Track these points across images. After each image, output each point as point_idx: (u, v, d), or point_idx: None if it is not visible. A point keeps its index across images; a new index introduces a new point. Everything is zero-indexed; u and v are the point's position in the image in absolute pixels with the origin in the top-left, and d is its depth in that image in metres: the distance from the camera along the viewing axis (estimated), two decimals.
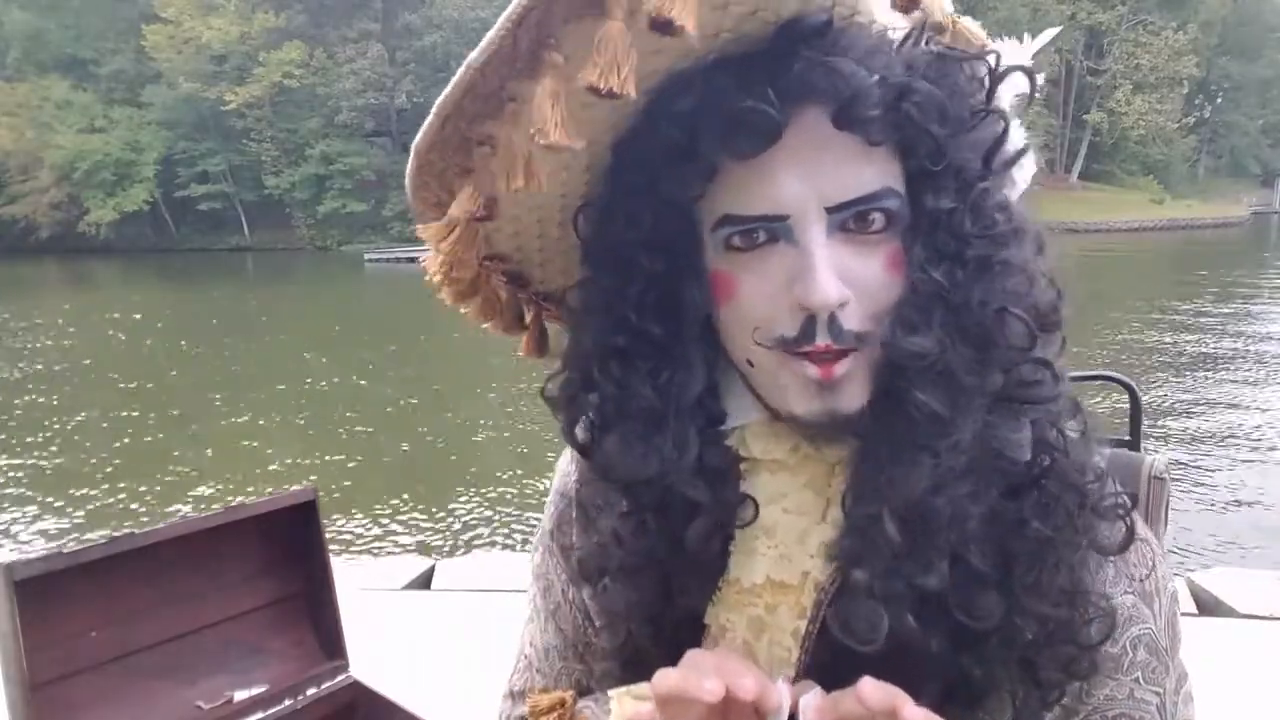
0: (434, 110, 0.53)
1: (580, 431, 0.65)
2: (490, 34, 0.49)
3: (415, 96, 42.46)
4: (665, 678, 0.51)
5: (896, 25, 0.57)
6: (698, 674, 0.50)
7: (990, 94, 0.58)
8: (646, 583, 0.64)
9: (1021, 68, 0.60)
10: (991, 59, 0.58)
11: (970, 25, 0.65)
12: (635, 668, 0.66)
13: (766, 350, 0.57)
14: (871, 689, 0.48)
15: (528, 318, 0.72)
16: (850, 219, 0.55)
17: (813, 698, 0.53)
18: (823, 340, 0.55)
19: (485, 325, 0.71)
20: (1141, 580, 0.64)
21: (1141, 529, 0.65)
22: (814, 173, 0.54)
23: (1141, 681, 0.63)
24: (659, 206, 0.58)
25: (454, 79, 0.51)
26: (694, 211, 0.58)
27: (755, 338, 0.57)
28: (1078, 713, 0.63)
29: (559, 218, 0.63)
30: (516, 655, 0.82)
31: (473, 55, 0.50)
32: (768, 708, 0.52)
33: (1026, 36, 0.66)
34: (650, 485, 0.61)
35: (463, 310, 0.68)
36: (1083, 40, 44.71)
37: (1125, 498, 0.62)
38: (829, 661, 0.59)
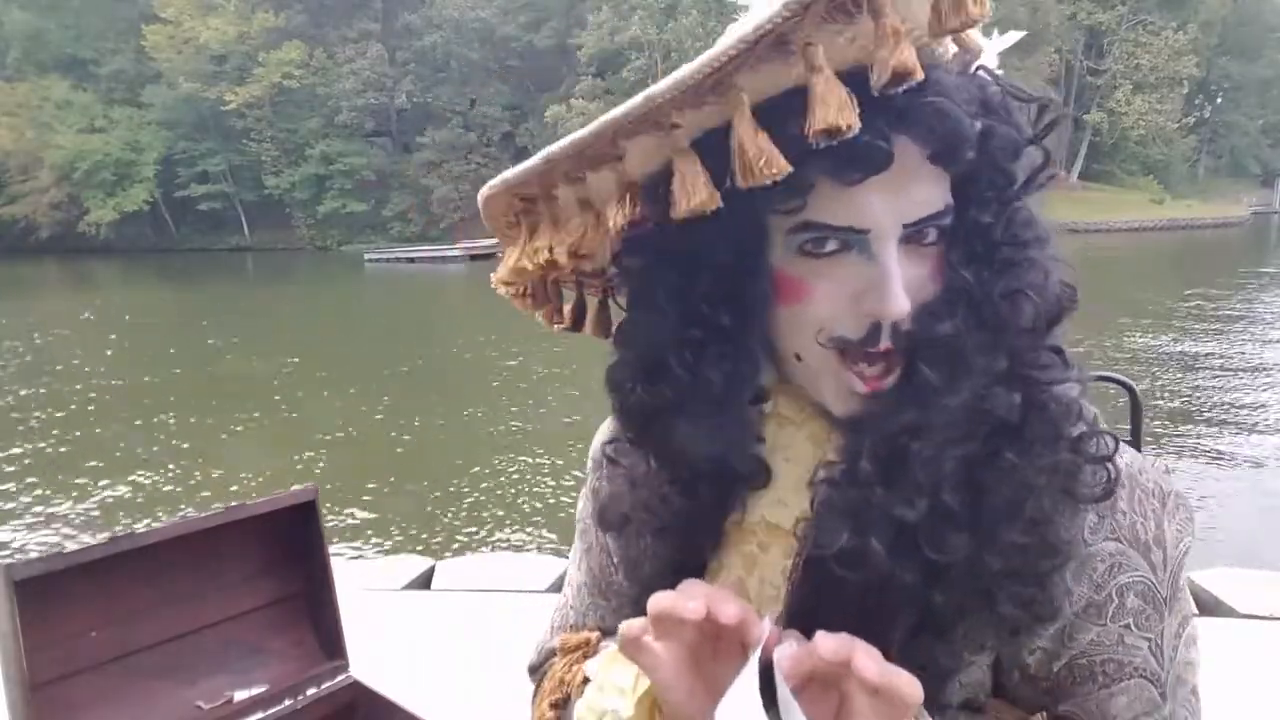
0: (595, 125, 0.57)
1: (636, 414, 0.68)
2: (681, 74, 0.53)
3: (415, 96, 42.49)
4: (658, 598, 0.56)
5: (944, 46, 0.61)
6: (686, 596, 0.55)
7: (1042, 134, 0.63)
8: (669, 536, 0.70)
9: (1051, 107, 0.65)
10: (1044, 101, 0.63)
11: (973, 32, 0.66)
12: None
13: (823, 350, 0.62)
14: (825, 641, 0.52)
15: (590, 310, 0.77)
16: (913, 232, 0.59)
17: (788, 648, 0.56)
18: (885, 343, 0.60)
19: (556, 326, 0.77)
20: (1135, 529, 0.65)
21: (1152, 482, 0.67)
22: (900, 196, 0.58)
23: (1133, 628, 0.65)
24: (737, 204, 0.58)
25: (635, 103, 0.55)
26: (766, 214, 0.61)
27: (818, 338, 0.61)
28: (1060, 656, 0.66)
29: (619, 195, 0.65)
30: (561, 592, 0.93)
31: (658, 88, 0.54)
32: (749, 638, 0.56)
33: (995, 32, 0.68)
34: (709, 464, 0.66)
35: (536, 317, 0.75)
36: (1083, 40, 44.67)
37: (1111, 444, 0.64)
38: (813, 597, 0.64)
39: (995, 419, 0.60)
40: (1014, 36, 0.68)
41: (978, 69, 0.63)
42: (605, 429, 0.87)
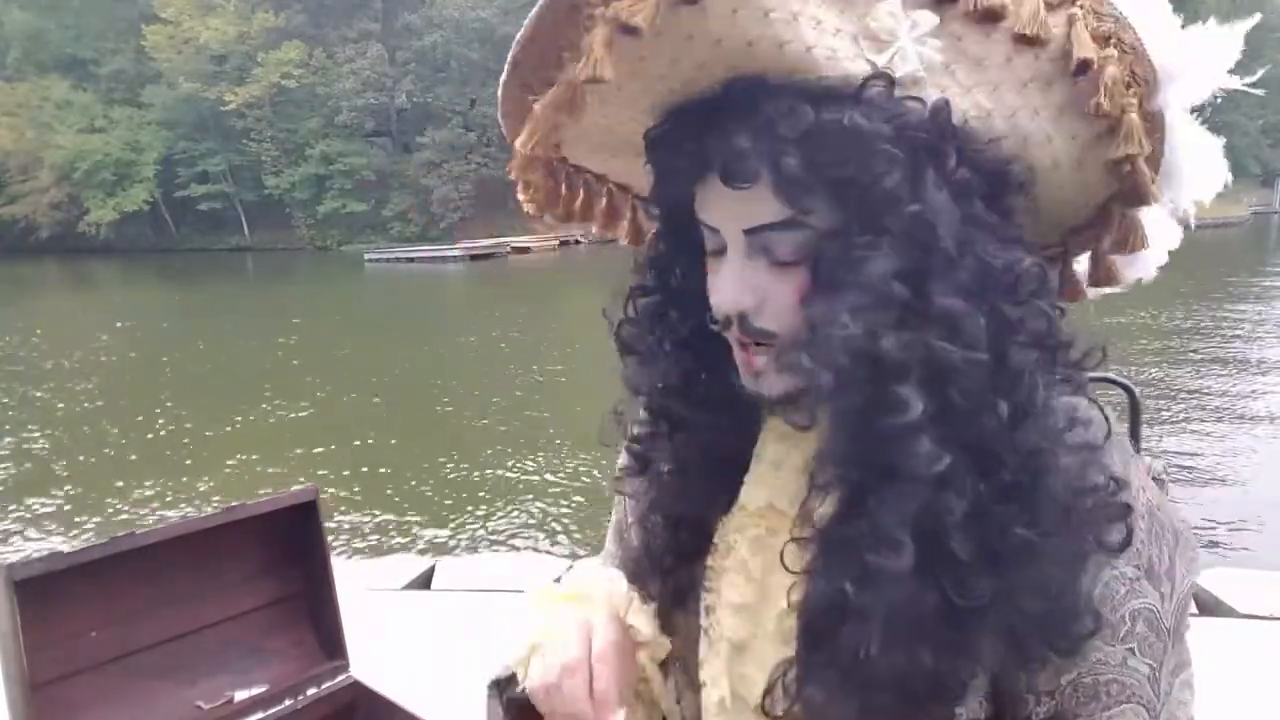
0: (534, 10, 0.62)
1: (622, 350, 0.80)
2: None
3: (415, 96, 42.44)
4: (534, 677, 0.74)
5: (862, 70, 0.61)
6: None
7: (871, 163, 0.60)
8: (668, 482, 0.80)
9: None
10: (926, 121, 0.61)
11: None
12: (639, 570, 0.83)
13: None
14: None
15: (625, 215, 0.85)
16: (773, 248, 0.66)
17: None
18: (735, 330, 0.69)
19: (610, 229, 0.85)
20: (1150, 559, 0.66)
21: (1168, 518, 0.68)
22: (730, 203, 0.66)
23: (1136, 652, 0.66)
24: (672, 202, 0.73)
25: None
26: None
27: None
28: (1068, 670, 0.67)
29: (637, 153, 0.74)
30: None
31: None
32: None
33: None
34: (657, 399, 0.79)
35: (540, 208, 0.80)
36: None
37: (1129, 501, 0.64)
38: (827, 626, 0.66)
39: (925, 475, 0.59)
40: None
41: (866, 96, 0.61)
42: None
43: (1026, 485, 0.60)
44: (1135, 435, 1.11)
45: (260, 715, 1.26)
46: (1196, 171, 0.69)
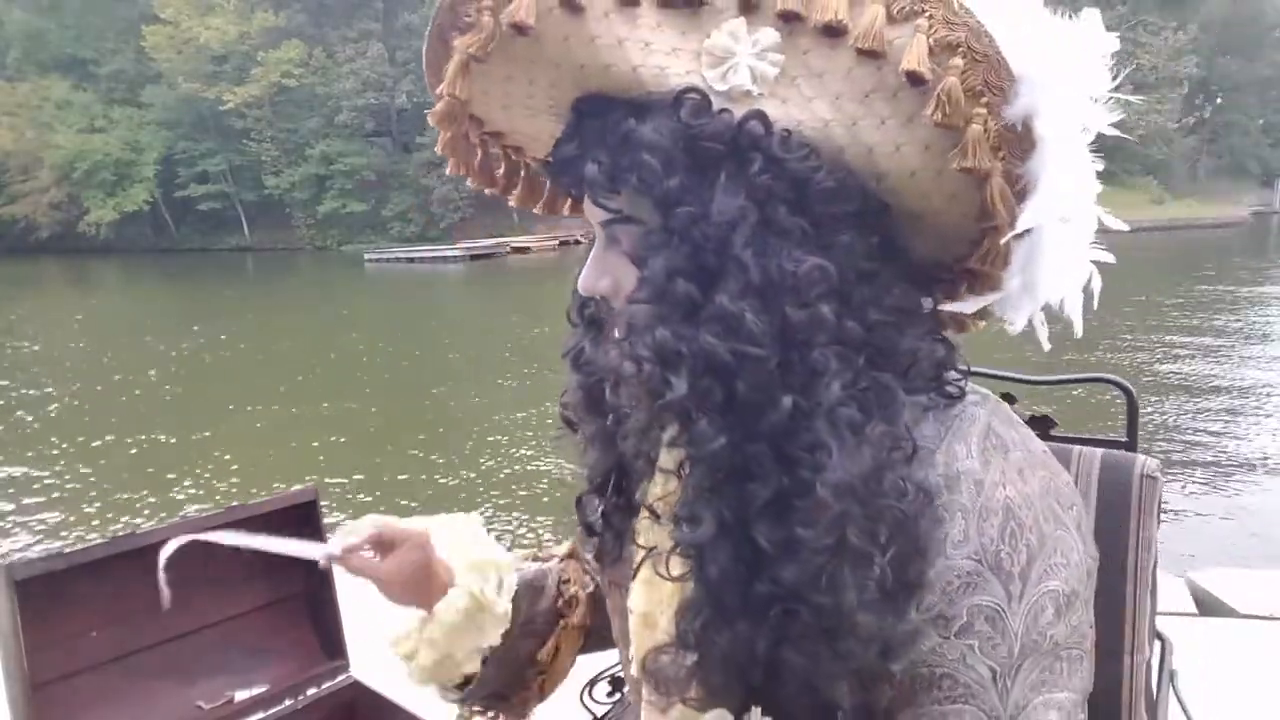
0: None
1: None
2: None
3: (415, 96, 42.39)
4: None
5: (697, 83, 0.66)
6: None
7: (665, 170, 0.66)
8: (589, 450, 0.88)
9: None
10: (730, 131, 0.66)
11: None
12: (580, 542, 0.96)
13: None
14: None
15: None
16: (617, 239, 0.73)
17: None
18: (604, 311, 0.79)
19: (487, 190, 0.89)
20: (999, 556, 0.65)
21: (1033, 524, 0.67)
22: (589, 202, 0.74)
23: (976, 649, 0.65)
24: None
25: None
26: None
27: None
28: (894, 660, 0.66)
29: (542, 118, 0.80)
30: None
31: None
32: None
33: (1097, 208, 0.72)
34: (573, 364, 0.86)
35: (459, 169, 0.85)
36: None
37: (931, 501, 0.66)
38: (684, 609, 0.72)
39: (710, 454, 0.66)
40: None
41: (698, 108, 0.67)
42: None
43: (810, 481, 0.63)
44: (1133, 435, 1.11)
45: (260, 715, 1.26)
46: (1066, 190, 0.66)
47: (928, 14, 0.62)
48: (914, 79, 0.62)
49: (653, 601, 0.77)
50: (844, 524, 0.62)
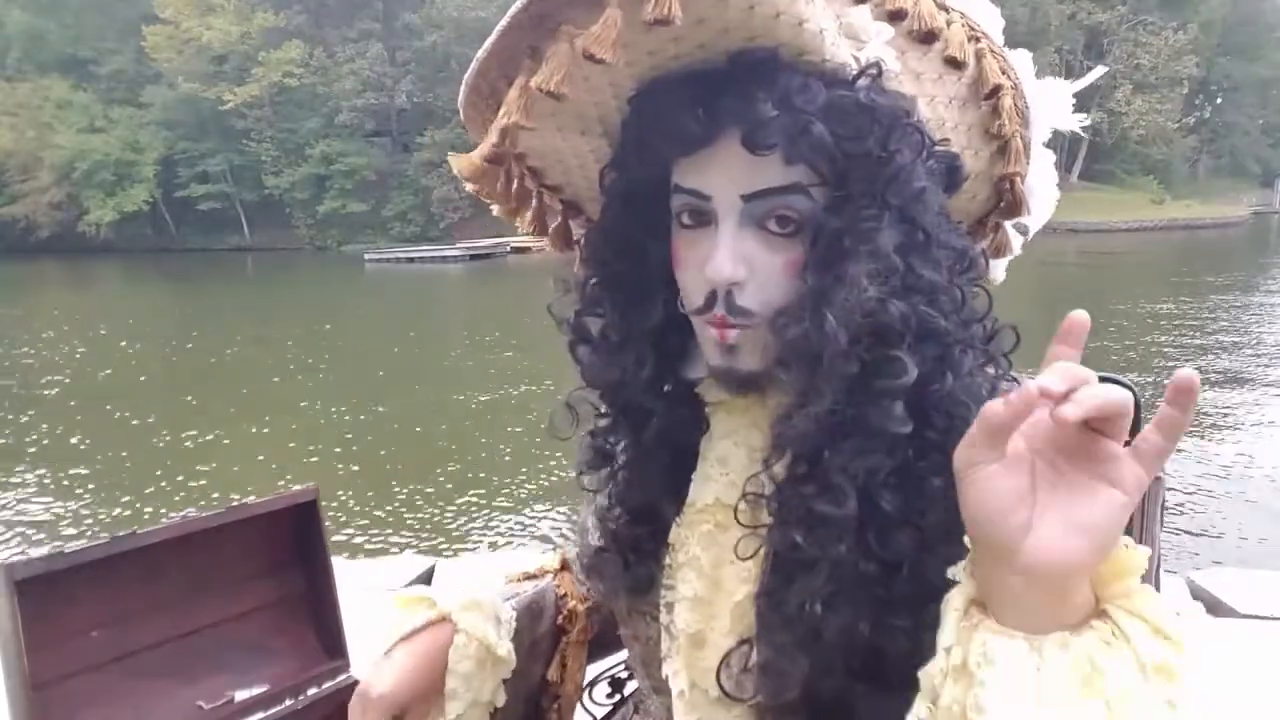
0: (504, 19, 0.63)
1: (575, 343, 0.81)
2: None
3: (415, 96, 42.43)
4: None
5: (850, 61, 0.66)
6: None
7: (885, 141, 0.66)
8: (628, 476, 0.82)
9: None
10: (913, 112, 0.69)
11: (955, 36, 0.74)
12: (600, 565, 0.86)
13: (691, 314, 0.73)
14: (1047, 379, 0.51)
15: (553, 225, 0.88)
16: (768, 216, 0.67)
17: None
18: (719, 311, 0.69)
19: (547, 240, 0.87)
20: None
21: None
22: (735, 172, 0.67)
23: None
24: (643, 173, 0.72)
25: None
26: (669, 183, 0.72)
27: (682, 304, 0.73)
28: None
29: (595, 168, 0.78)
30: None
31: None
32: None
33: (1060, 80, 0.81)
34: (616, 392, 0.78)
35: (520, 222, 0.85)
36: (1083, 40, 44.63)
37: None
38: (784, 580, 0.70)
39: (889, 434, 0.65)
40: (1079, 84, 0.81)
41: (874, 77, 0.67)
42: None
43: (943, 442, 0.64)
44: (1136, 434, 1.11)
45: (260, 715, 1.26)
46: (1044, 193, 0.82)
47: (984, 41, 0.74)
48: (993, 93, 0.73)
49: (704, 619, 0.76)
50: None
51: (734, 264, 0.67)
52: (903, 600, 0.66)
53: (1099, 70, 0.90)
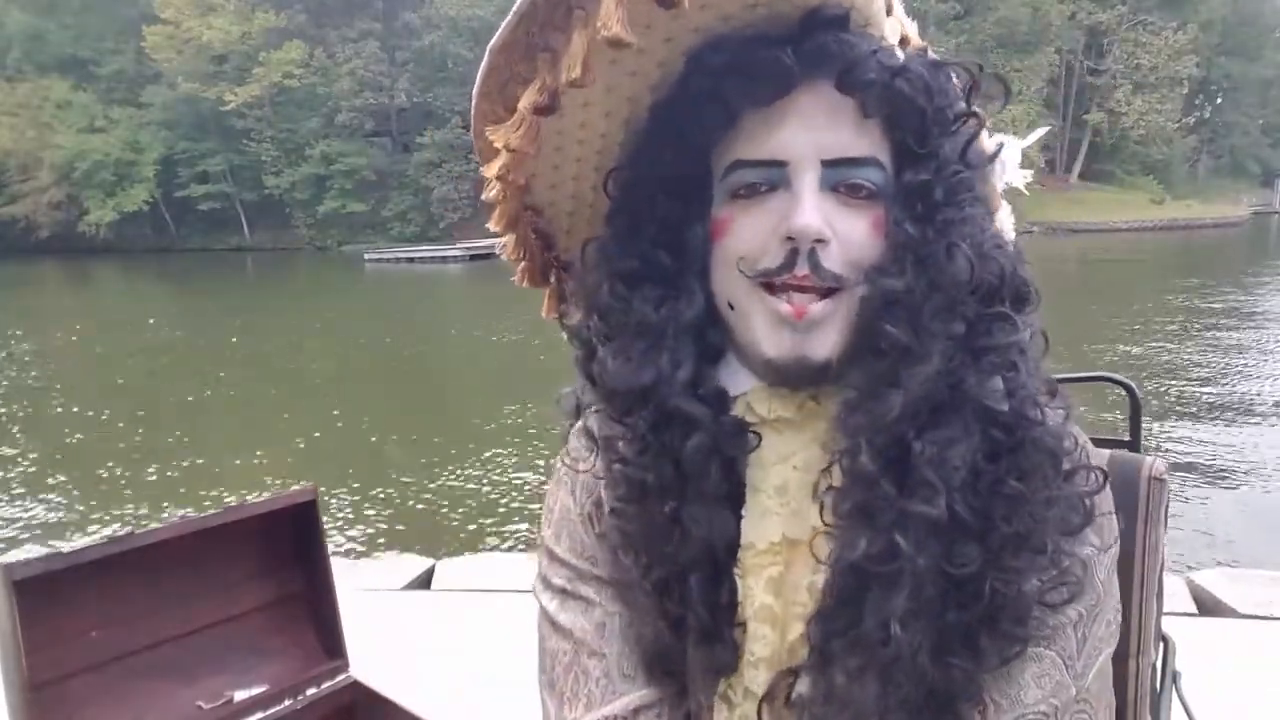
0: (511, 12, 0.59)
1: (588, 359, 0.70)
2: None
3: (415, 96, 42.40)
4: None
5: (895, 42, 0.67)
6: None
7: (969, 100, 0.66)
8: (654, 507, 0.65)
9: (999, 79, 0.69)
10: (975, 70, 0.66)
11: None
12: (661, 649, 0.69)
13: (749, 284, 0.63)
14: None
15: (552, 278, 0.80)
16: (842, 184, 0.62)
17: None
18: (802, 269, 0.61)
19: (516, 272, 0.79)
20: (1091, 506, 0.66)
21: (1107, 506, 0.69)
22: (816, 128, 0.62)
23: (1065, 592, 0.65)
24: (683, 156, 0.66)
25: None
26: (710, 165, 0.66)
27: (740, 267, 0.64)
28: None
29: (594, 179, 0.71)
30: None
31: None
32: None
33: (1012, 138, 0.76)
34: (647, 403, 0.64)
35: (502, 241, 0.76)
36: (1083, 40, 44.59)
37: (1098, 480, 0.65)
38: (839, 613, 0.61)
39: (983, 409, 0.59)
40: (1039, 133, 0.82)
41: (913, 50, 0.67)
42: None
43: (1011, 444, 0.60)
44: (1136, 434, 1.11)
45: (260, 715, 1.26)
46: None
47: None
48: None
49: (776, 680, 0.66)
50: (1049, 478, 0.62)
51: (821, 218, 0.61)
52: (961, 621, 0.60)
53: (1041, 130, 0.89)
